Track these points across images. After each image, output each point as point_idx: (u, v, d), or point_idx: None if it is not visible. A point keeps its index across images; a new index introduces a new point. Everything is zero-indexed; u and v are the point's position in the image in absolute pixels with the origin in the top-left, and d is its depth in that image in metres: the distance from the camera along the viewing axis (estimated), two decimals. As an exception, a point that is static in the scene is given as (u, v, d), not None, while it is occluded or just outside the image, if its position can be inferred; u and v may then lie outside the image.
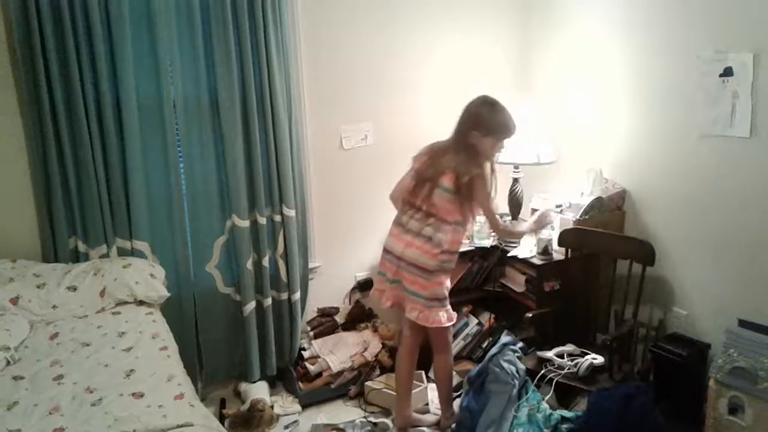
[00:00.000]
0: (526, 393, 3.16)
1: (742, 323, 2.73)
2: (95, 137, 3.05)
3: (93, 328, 2.73)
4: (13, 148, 3.04)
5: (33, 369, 2.44)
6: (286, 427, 3.35)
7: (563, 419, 3.01)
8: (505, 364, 3.17)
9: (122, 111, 3.08)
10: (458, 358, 3.79)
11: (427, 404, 3.50)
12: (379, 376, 3.66)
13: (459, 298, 3.76)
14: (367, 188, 3.80)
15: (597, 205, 3.36)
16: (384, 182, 3.82)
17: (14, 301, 2.80)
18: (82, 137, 3.02)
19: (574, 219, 3.34)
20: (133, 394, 2.22)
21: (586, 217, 3.33)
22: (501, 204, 3.85)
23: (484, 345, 3.79)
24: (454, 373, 3.62)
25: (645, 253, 3.09)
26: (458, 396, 3.40)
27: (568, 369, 3.15)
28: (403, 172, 3.89)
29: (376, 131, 3.77)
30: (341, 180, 3.76)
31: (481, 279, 3.82)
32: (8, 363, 2.49)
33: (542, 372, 3.19)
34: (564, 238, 3.35)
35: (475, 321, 3.79)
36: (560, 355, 3.24)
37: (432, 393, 3.56)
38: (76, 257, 3.15)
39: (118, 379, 2.33)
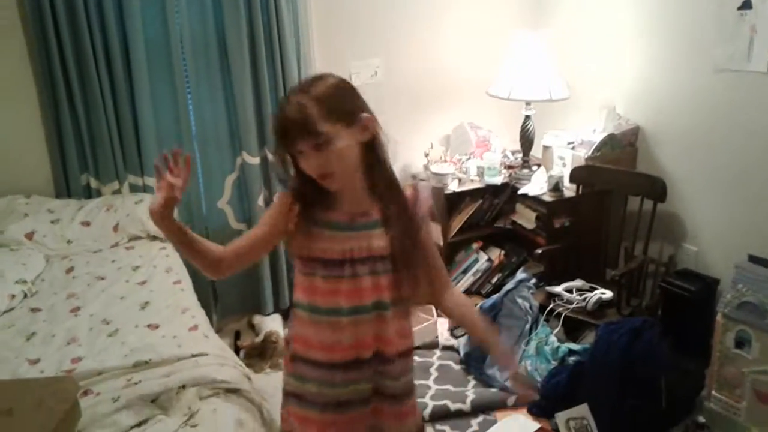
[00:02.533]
0: (537, 328, 3.21)
1: (752, 259, 2.73)
2: (103, 76, 3.05)
3: (107, 263, 2.78)
4: (23, 88, 3.05)
5: (50, 301, 2.51)
6: (299, 359, 3.42)
7: (571, 352, 3.06)
8: (520, 300, 3.21)
9: (130, 50, 3.07)
10: (467, 293, 3.83)
11: (437, 337, 3.56)
12: (389, 310, 3.71)
13: (469, 234, 3.79)
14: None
15: (609, 141, 3.32)
16: (394, 119, 3.78)
17: (29, 235, 2.85)
18: (91, 76, 3.02)
19: (585, 155, 3.32)
20: (149, 326, 2.28)
21: (598, 153, 3.31)
22: (512, 142, 3.83)
23: (494, 281, 3.83)
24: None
25: (656, 189, 3.08)
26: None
27: (577, 303, 3.19)
28: (414, 110, 3.88)
29: (386, 67, 3.71)
30: (352, 117, 3.72)
31: (492, 216, 3.83)
32: (25, 296, 2.56)
33: (551, 306, 3.23)
34: (575, 174, 3.33)
35: (485, 257, 3.81)
36: (569, 290, 3.28)
37: (442, 326, 3.61)
38: (89, 193, 3.19)
39: (134, 311, 2.39)
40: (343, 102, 1.55)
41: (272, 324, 3.57)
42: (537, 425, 2.85)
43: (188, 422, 1.74)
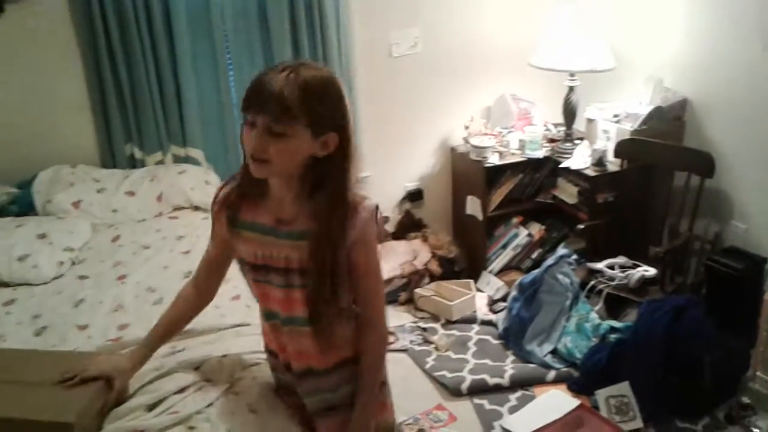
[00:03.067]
0: (577, 304, 3.18)
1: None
2: (146, 47, 3.08)
3: (152, 232, 2.83)
4: (68, 59, 3.10)
5: (96, 269, 2.57)
6: (337, 330, 3.45)
7: (612, 329, 3.03)
8: (561, 276, 3.18)
9: (172, 21, 3.09)
10: (507, 268, 3.80)
11: (474, 311, 3.55)
12: (428, 283, 3.71)
13: (509, 209, 3.75)
14: (417, 96, 3.74)
15: (656, 114, 3.23)
16: (433, 91, 3.77)
17: (76, 204, 2.91)
18: (134, 48, 3.05)
19: (631, 129, 3.23)
20: (192, 295, 2.30)
21: (644, 127, 3.22)
22: (555, 115, 3.76)
23: (534, 256, 3.79)
24: (502, 282, 3.66)
25: (704, 164, 2.99)
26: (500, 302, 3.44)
27: (619, 280, 3.14)
28: (454, 81, 3.83)
29: (426, 38, 3.66)
30: (390, 88, 3.70)
31: (533, 190, 3.78)
32: (73, 263, 2.62)
33: (592, 283, 3.19)
34: (620, 148, 3.26)
35: (525, 232, 3.77)
36: (611, 267, 3.23)
37: (480, 301, 3.60)
38: (133, 163, 3.24)
39: (177, 280, 2.41)
40: (323, 105, 1.38)
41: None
42: (576, 402, 2.83)
43: (230, 390, 1.76)
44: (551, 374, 3.04)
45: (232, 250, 1.59)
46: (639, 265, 3.19)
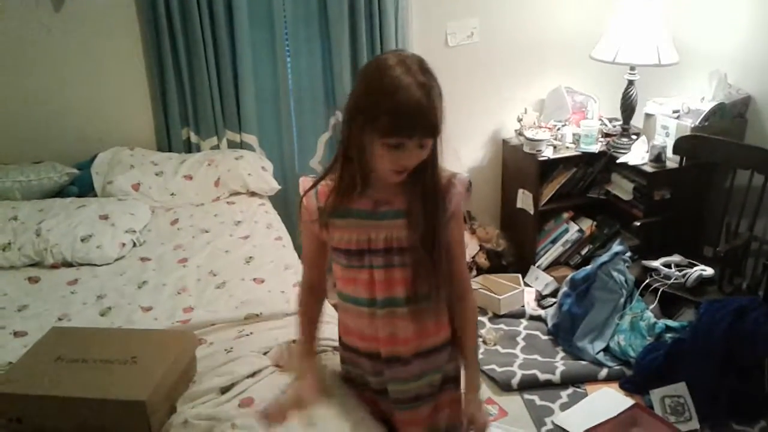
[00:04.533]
0: (631, 302, 3.13)
1: None
2: (207, 34, 3.09)
3: (210, 216, 2.84)
4: (130, 44, 3.12)
5: (158, 251, 2.59)
6: (385, 320, 3.44)
7: (668, 329, 2.98)
8: (615, 273, 3.14)
9: (233, 6, 3.08)
10: (556, 263, 3.77)
11: (522, 306, 3.52)
12: (476, 276, 3.69)
13: (561, 203, 3.70)
14: (471, 88, 3.70)
15: (719, 111, 3.16)
16: (487, 82, 3.73)
17: (136, 186, 2.94)
18: (195, 34, 3.06)
19: (692, 125, 3.17)
20: (254, 280, 2.32)
21: (706, 123, 3.15)
22: (612, 110, 3.70)
23: (584, 252, 3.74)
24: (551, 277, 3.63)
25: (770, 163, 2.93)
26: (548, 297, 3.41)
27: (675, 279, 3.09)
28: (509, 73, 3.78)
29: (483, 28, 3.62)
30: (445, 78, 3.61)
31: (585, 185, 3.73)
32: (134, 245, 2.64)
33: (647, 281, 3.14)
34: (680, 145, 3.19)
35: (576, 228, 3.72)
36: (667, 265, 3.17)
37: (528, 296, 3.57)
38: (188, 148, 3.26)
39: (239, 264, 2.44)
40: (442, 108, 1.39)
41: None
42: (630, 401, 2.80)
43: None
44: (603, 372, 3.00)
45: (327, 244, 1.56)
46: (695, 264, 3.13)
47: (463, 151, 3.86)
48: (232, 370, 1.78)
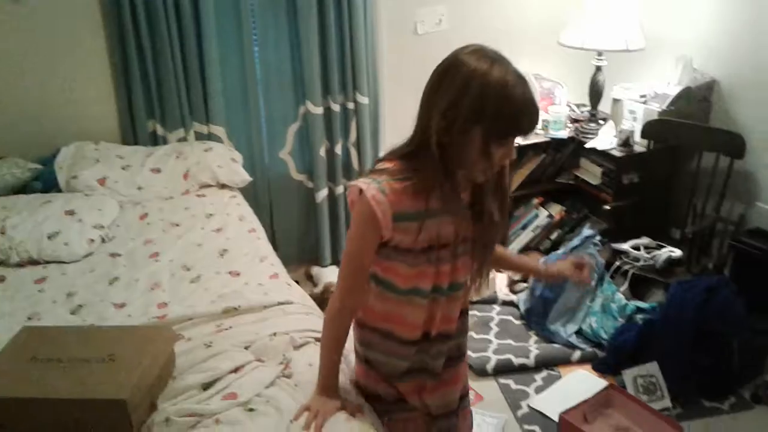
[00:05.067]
0: (602, 285, 3.18)
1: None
2: (172, 23, 3.02)
3: (180, 209, 2.79)
4: (91, 32, 3.04)
5: (128, 247, 2.53)
6: (359, 309, 3.43)
7: (638, 310, 3.03)
8: (586, 258, 3.17)
9: (199, -4, 3.02)
10: (527, 249, 3.80)
11: (495, 292, 3.54)
12: (448, 264, 3.70)
13: (530, 189, 3.73)
14: (440, 75, 3.69)
15: (685, 95, 3.21)
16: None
17: (102, 181, 2.86)
18: (159, 23, 2.99)
19: (659, 110, 3.21)
20: (230, 273, 2.29)
21: (672, 107, 3.20)
22: (580, 95, 3.73)
23: (553, 237, 3.78)
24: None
25: (735, 145, 2.98)
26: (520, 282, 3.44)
27: (645, 261, 3.15)
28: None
29: (451, 15, 3.61)
30: (414, 67, 3.62)
31: (554, 171, 3.76)
32: (103, 241, 2.58)
33: (617, 264, 3.19)
34: (648, 129, 3.24)
35: (545, 213, 3.76)
36: (636, 248, 3.23)
37: (500, 282, 3.60)
38: (155, 140, 3.19)
39: (213, 258, 2.40)
40: None
41: (331, 275, 3.58)
42: (603, 382, 2.84)
43: (285, 371, 1.75)
44: (576, 354, 3.04)
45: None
46: (663, 246, 3.19)
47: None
48: (213, 365, 1.75)
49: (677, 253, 3.12)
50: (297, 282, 3.56)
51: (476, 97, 1.33)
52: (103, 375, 1.58)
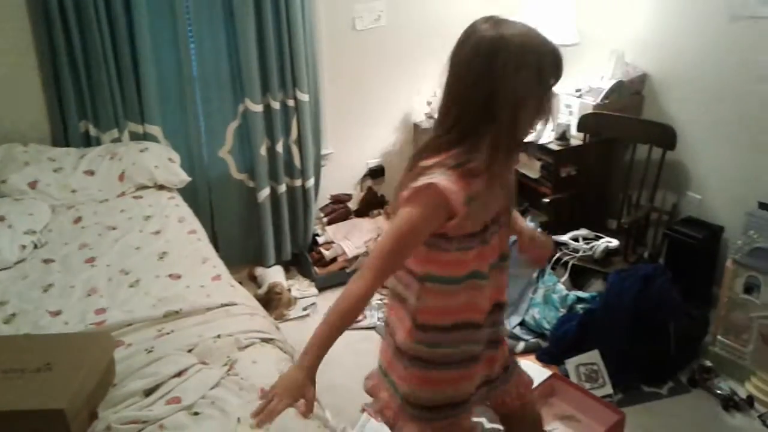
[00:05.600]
0: (543, 276, 3.24)
1: (762, 206, 2.78)
2: (102, 18, 2.91)
3: (116, 212, 2.71)
4: (17, 29, 2.89)
5: (62, 252, 2.44)
6: (305, 309, 3.41)
7: (579, 299, 3.10)
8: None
9: (129, -10, 2.93)
10: (470, 243, 3.83)
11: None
12: (393, 261, 3.70)
13: (472, 184, 3.76)
14: (380, 72, 3.70)
15: (617, 88, 3.30)
16: (396, 66, 3.73)
17: (32, 185, 2.76)
18: (89, 18, 2.87)
19: (594, 103, 3.30)
20: (170, 276, 2.24)
21: (606, 101, 3.29)
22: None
23: (495, 230, 3.83)
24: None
25: (667, 137, 3.08)
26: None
27: (583, 252, 3.22)
28: (418, 56, 3.79)
29: (389, 11, 3.61)
30: (354, 63, 3.64)
31: (494, 165, 3.80)
32: (35, 246, 2.49)
33: (557, 255, 3.25)
34: (584, 122, 3.32)
35: (487, 207, 3.80)
36: (575, 239, 3.30)
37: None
38: (88, 141, 3.08)
39: (152, 261, 2.34)
40: None
41: (275, 276, 3.54)
42: (547, 372, 2.88)
43: (230, 372, 1.72)
44: (520, 345, 3.09)
45: None
46: (601, 237, 3.27)
47: (375, 137, 3.86)
48: (155, 370, 1.70)
49: (614, 243, 3.20)
50: (240, 283, 3.55)
51: (519, 65, 1.39)
52: (39, 385, 1.53)
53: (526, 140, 1.51)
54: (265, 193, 3.48)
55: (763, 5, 2.76)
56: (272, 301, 3.38)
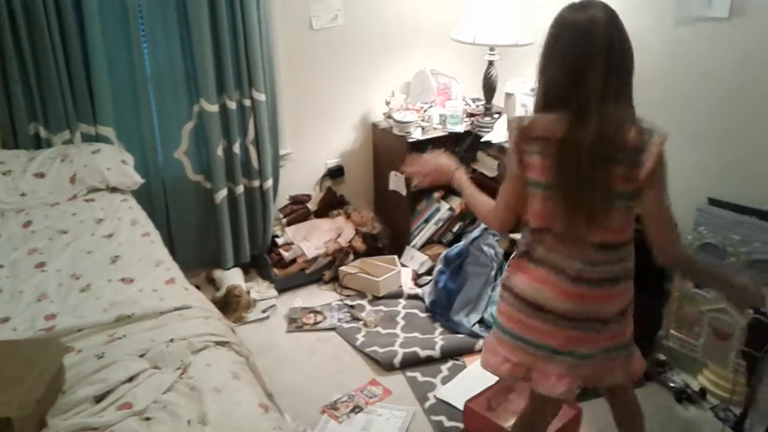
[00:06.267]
0: (500, 274, 3.26)
1: (712, 201, 2.84)
2: (52, 17, 2.84)
3: (68, 216, 2.65)
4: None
5: (11, 257, 2.38)
6: (264, 311, 3.39)
7: (536, 296, 3.13)
8: (486, 248, 3.25)
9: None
10: (430, 242, 3.85)
11: (400, 286, 3.58)
12: (353, 261, 3.70)
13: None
14: (338, 71, 3.69)
15: (572, 88, 3.35)
16: (354, 65, 3.73)
17: (-21, 188, 2.68)
18: (38, 16, 2.80)
19: (549, 103, 3.33)
20: (123, 280, 2.20)
21: (561, 100, 3.33)
22: (474, 89, 3.82)
23: (455, 229, 3.86)
24: (426, 256, 3.71)
25: (619, 135, 3.13)
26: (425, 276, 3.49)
27: (541, 250, 3.25)
28: (375, 56, 3.79)
29: (346, 10, 3.60)
30: (311, 62, 3.62)
31: (453, 165, 3.82)
32: (-18, 252, 2.41)
33: (514, 253, 3.28)
34: (539, 122, 3.35)
35: (447, 206, 3.82)
36: (532, 237, 3.33)
37: (405, 276, 3.63)
38: (38, 144, 3.00)
39: (104, 265, 2.30)
40: None
41: (233, 278, 3.50)
42: (506, 367, 2.91)
43: (183, 376, 1.69)
44: (480, 343, 3.11)
45: None
46: (558, 234, 3.31)
47: (334, 136, 3.85)
48: (105, 376, 1.67)
49: (570, 239, 3.24)
50: (198, 287, 3.50)
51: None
52: (-16, 392, 1.48)
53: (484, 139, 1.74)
54: (222, 194, 3.44)
55: (706, 8, 2.83)
56: (231, 304, 3.34)
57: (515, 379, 1.99)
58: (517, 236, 3.33)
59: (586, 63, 1.69)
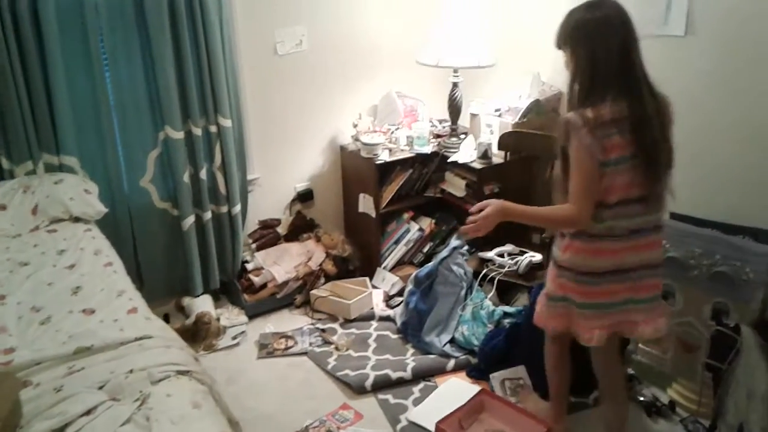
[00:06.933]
0: (471, 293, 3.28)
1: (673, 216, 2.88)
2: (12, 46, 2.81)
3: (29, 247, 2.61)
4: None
5: (-31, 291, 2.33)
6: (234, 337, 3.36)
7: (505, 314, 3.15)
8: (455, 267, 3.26)
9: (39, 15, 2.83)
10: (400, 263, 3.86)
11: (372, 308, 3.57)
12: (324, 284, 3.69)
13: (400, 205, 3.80)
14: (304, 95, 3.71)
15: (534, 107, 3.40)
16: (320, 89, 3.75)
17: (-62, 221, 2.63)
18: (-3, 45, 2.78)
19: (512, 122, 3.38)
20: (84, 311, 2.17)
21: (524, 119, 3.38)
22: (440, 111, 3.86)
23: (425, 250, 3.87)
24: (397, 277, 3.71)
25: (582, 153, 3.18)
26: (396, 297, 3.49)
27: (509, 267, 3.28)
28: (341, 80, 3.81)
29: (311, 36, 3.63)
30: (277, 88, 3.64)
31: (422, 185, 3.85)
32: (-60, 286, 2.36)
33: (484, 272, 3.30)
34: (503, 141, 3.39)
35: (416, 227, 3.84)
36: (500, 255, 3.36)
37: (377, 298, 3.63)
38: (0, 175, 2.96)
39: (65, 296, 2.27)
40: None
41: (203, 305, 3.47)
42: (477, 387, 2.91)
43: (142, 407, 1.67)
44: (451, 363, 3.11)
45: None
46: (525, 252, 3.34)
47: (302, 160, 3.85)
48: (63, 410, 1.64)
49: (538, 257, 3.27)
50: (167, 315, 3.49)
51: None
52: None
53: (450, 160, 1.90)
54: (189, 221, 3.42)
55: (663, 26, 2.90)
56: (200, 331, 3.32)
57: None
58: (488, 254, 3.36)
59: (631, 46, 2.01)
